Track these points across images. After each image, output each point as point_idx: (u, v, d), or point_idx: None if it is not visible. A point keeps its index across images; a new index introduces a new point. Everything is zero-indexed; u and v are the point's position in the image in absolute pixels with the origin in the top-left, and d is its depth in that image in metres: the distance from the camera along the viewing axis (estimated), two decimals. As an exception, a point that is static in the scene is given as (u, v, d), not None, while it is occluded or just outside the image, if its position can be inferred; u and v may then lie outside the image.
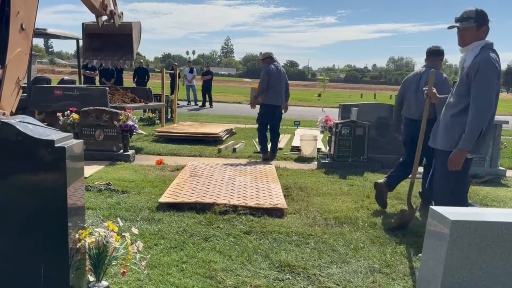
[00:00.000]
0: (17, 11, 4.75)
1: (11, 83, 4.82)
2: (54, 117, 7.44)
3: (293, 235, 3.98)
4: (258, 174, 6.18)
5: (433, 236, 2.14)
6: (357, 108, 7.28)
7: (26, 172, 2.19)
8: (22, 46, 4.84)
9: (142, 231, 3.88)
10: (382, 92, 52.17)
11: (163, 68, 12.49)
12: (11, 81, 4.81)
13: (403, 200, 5.29)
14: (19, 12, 4.72)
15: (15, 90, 4.77)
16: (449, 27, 3.53)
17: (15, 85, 4.77)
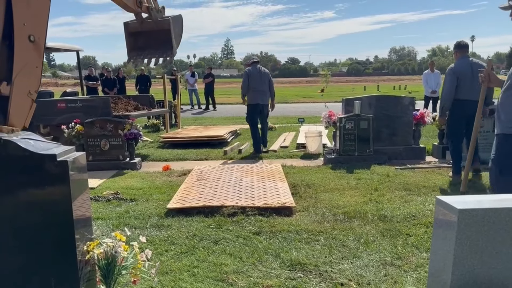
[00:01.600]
0: (22, 23, 4.74)
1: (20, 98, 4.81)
2: (59, 130, 7.49)
3: (303, 233, 3.97)
4: (265, 173, 6.17)
5: (441, 226, 2.12)
6: (360, 101, 7.25)
7: (30, 187, 2.20)
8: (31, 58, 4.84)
9: (152, 238, 3.89)
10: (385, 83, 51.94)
11: (164, 75, 12.53)
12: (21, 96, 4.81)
13: (412, 191, 5.26)
14: (25, 24, 4.71)
15: (26, 105, 4.77)
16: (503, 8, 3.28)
17: (26, 99, 4.77)
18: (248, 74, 8.38)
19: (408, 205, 4.72)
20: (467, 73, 5.60)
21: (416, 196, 5.08)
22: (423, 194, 5.13)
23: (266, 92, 8.41)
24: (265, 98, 8.40)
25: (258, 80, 8.35)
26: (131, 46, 6.97)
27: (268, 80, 8.49)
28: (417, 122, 7.51)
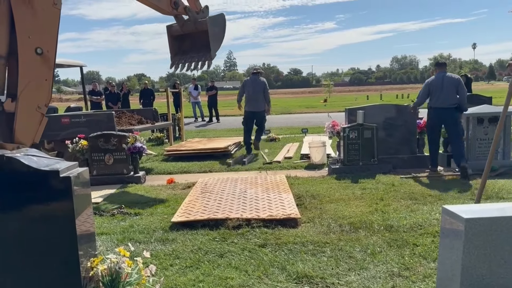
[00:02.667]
0: (27, 36, 4.70)
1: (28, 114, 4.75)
2: (64, 145, 7.51)
3: (309, 245, 3.94)
4: (269, 185, 6.15)
5: (448, 236, 2.10)
6: (363, 111, 7.24)
7: (34, 204, 2.20)
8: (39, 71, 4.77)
9: (157, 252, 3.86)
10: (388, 92, 51.93)
11: (167, 88, 12.58)
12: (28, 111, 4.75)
13: (417, 200, 5.22)
14: (30, 37, 4.67)
15: (35, 120, 4.72)
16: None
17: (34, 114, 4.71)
18: (244, 84, 9.47)
19: (414, 214, 4.68)
20: (438, 85, 6.69)
21: (422, 205, 5.03)
22: (429, 203, 5.09)
23: (259, 100, 9.22)
24: (257, 105, 9.22)
25: (251, 89, 9.19)
26: (174, 50, 6.76)
27: (263, 89, 9.23)
28: (421, 130, 7.48)
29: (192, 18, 6.23)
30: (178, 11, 6.21)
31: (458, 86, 6.62)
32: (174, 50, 6.75)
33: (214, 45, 6.26)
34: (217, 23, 6.39)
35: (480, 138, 6.89)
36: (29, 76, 4.72)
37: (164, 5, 6.02)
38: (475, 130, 6.89)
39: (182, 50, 6.73)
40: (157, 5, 6.00)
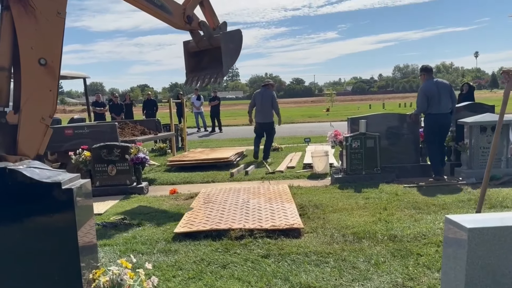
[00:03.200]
0: (29, 47, 4.69)
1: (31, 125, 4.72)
2: (67, 157, 7.53)
3: (312, 255, 3.91)
4: (272, 195, 6.14)
5: (452, 245, 2.08)
6: (366, 120, 7.24)
7: (36, 215, 2.20)
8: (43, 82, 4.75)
9: (159, 263, 3.85)
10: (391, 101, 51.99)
11: (170, 98, 12.63)
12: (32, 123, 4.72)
13: (421, 210, 5.20)
14: (32, 48, 4.66)
15: (39, 131, 4.70)
16: None
17: (38, 126, 4.69)
18: (254, 96, 10.09)
19: (418, 224, 4.65)
20: (434, 92, 6.85)
21: (426, 214, 5.01)
22: (433, 212, 5.06)
23: (266, 112, 9.78)
24: (264, 116, 9.81)
25: (259, 101, 9.76)
26: (190, 67, 6.59)
27: (271, 101, 9.73)
28: (424, 139, 7.46)
29: (207, 34, 6.10)
30: (192, 26, 6.10)
31: (451, 91, 7.05)
32: (189, 67, 6.63)
33: (227, 61, 6.12)
34: (233, 39, 6.26)
35: (483, 147, 6.87)
36: (32, 87, 4.70)
37: (177, 19, 5.94)
38: (478, 138, 6.87)
39: (200, 67, 6.59)
40: (169, 19, 5.91)
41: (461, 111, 7.62)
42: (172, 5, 5.91)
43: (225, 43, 6.06)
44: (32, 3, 4.64)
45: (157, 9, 5.73)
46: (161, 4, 5.76)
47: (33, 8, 4.64)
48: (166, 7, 5.82)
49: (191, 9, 6.10)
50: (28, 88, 4.72)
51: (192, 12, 6.08)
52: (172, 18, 5.92)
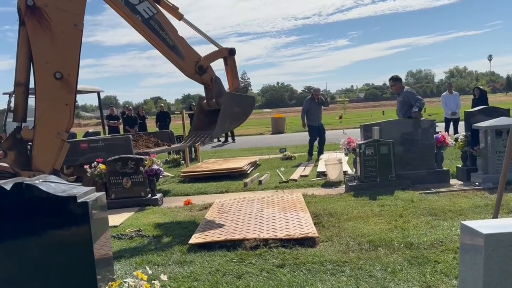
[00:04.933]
0: (45, 61, 4.71)
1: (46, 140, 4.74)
2: (82, 170, 7.62)
3: (328, 264, 3.89)
4: (286, 204, 6.12)
5: (468, 252, 2.05)
6: (379, 126, 7.20)
7: (52, 229, 2.23)
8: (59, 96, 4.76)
9: (175, 274, 3.86)
10: (404, 106, 51.47)
11: (182, 110, 12.73)
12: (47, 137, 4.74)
13: (437, 216, 5.13)
14: (48, 62, 4.69)
15: (54, 146, 4.73)
16: None
17: (53, 140, 4.71)
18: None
19: (434, 230, 4.59)
20: None
21: (442, 221, 4.94)
22: (450, 219, 4.99)
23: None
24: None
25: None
26: (197, 124, 6.32)
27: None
28: (440, 145, 7.39)
29: (217, 92, 5.76)
30: (203, 78, 5.79)
31: None
32: (196, 124, 6.36)
33: (222, 123, 5.66)
34: (241, 102, 5.83)
35: (499, 151, 6.77)
36: (47, 102, 4.73)
37: (187, 66, 5.71)
38: (494, 143, 6.77)
39: (200, 125, 6.25)
40: (179, 63, 5.69)
41: (475, 115, 7.53)
42: (187, 51, 5.70)
43: (229, 104, 5.69)
44: (47, 17, 4.66)
45: (168, 49, 5.57)
46: (173, 45, 5.60)
47: (48, 22, 4.66)
48: (179, 50, 5.63)
49: (207, 61, 5.82)
50: (43, 102, 4.73)
51: (207, 64, 5.79)
52: (182, 63, 5.68)
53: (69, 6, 4.87)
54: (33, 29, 4.67)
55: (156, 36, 5.51)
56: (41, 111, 4.73)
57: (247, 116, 6.08)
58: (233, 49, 5.99)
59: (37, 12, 4.65)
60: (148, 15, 5.47)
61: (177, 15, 5.84)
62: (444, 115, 13.35)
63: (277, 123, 25.64)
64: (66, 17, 4.82)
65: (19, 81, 4.86)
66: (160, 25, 5.54)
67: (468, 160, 7.48)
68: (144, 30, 5.49)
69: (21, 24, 4.79)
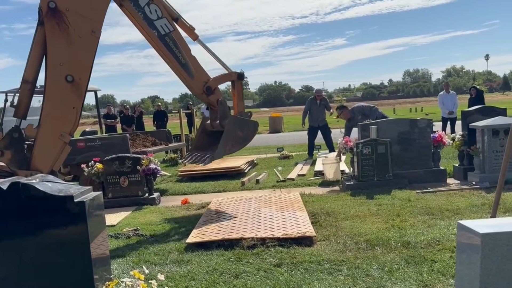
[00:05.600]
0: (58, 63, 4.75)
1: (49, 140, 4.76)
2: (79, 169, 7.60)
3: (325, 263, 3.89)
4: (284, 203, 6.12)
5: (465, 251, 2.06)
6: (376, 126, 7.21)
7: (49, 229, 2.23)
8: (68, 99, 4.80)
9: (172, 274, 3.85)
10: (401, 106, 51.69)
11: (180, 109, 12.72)
12: (49, 138, 4.76)
13: (434, 215, 5.15)
14: (61, 64, 4.72)
15: (55, 147, 4.75)
16: None
17: (55, 141, 4.73)
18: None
19: (431, 230, 4.60)
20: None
21: (439, 220, 4.95)
22: (447, 218, 5.01)
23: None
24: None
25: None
26: (197, 144, 6.47)
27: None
28: (437, 144, 7.40)
29: (221, 114, 5.87)
30: (209, 99, 5.93)
31: None
32: (197, 144, 6.47)
33: (224, 146, 5.73)
34: (244, 126, 5.93)
35: (496, 150, 6.78)
36: (55, 103, 4.74)
37: (196, 85, 5.83)
38: (491, 142, 6.79)
39: (201, 145, 6.37)
40: (188, 81, 5.82)
41: (472, 114, 7.56)
42: (197, 70, 5.83)
43: (233, 127, 5.79)
44: (67, 20, 4.71)
45: (179, 66, 5.71)
46: (184, 63, 5.72)
47: (66, 25, 4.71)
48: (189, 68, 5.75)
49: (216, 83, 5.99)
50: (50, 103, 4.76)
51: (215, 86, 5.94)
52: (191, 81, 5.80)
53: (89, 13, 4.96)
54: (52, 30, 4.73)
55: (169, 52, 5.65)
56: (48, 111, 4.75)
57: (249, 141, 6.23)
58: (242, 74, 6.19)
59: (58, 15, 4.72)
60: (165, 31, 5.62)
61: (193, 36, 5.99)
62: (441, 114, 13.38)
63: (275, 122, 25.66)
64: (85, 23, 4.90)
65: (27, 79, 4.89)
66: (175, 42, 5.69)
67: (465, 159, 7.50)
68: (158, 45, 5.64)
69: (40, 24, 4.85)
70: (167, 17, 5.66)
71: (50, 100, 4.76)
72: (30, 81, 4.91)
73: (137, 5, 5.48)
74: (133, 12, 5.46)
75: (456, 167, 7.63)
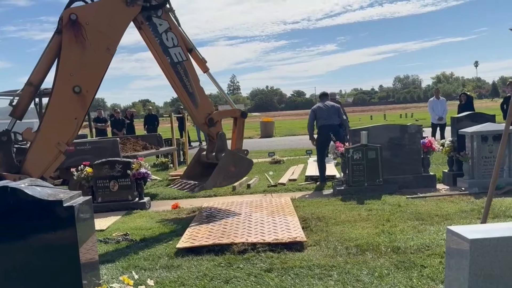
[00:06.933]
0: (69, 73, 4.80)
1: (44, 147, 4.76)
2: (69, 173, 7.53)
3: (315, 268, 3.89)
4: (274, 208, 6.12)
5: (454, 257, 2.07)
6: (367, 131, 7.25)
7: (38, 233, 2.21)
8: (71, 109, 4.83)
9: (162, 279, 3.83)
10: (391, 111, 52.04)
11: (171, 113, 12.69)
12: (46, 144, 4.76)
13: (424, 221, 5.18)
14: (72, 74, 4.77)
15: (50, 155, 4.75)
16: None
17: (51, 149, 4.73)
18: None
19: (421, 235, 4.63)
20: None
21: (429, 225, 4.98)
22: (436, 223, 5.04)
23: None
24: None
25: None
26: (189, 173, 6.55)
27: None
28: (427, 150, 7.46)
29: (218, 147, 5.98)
30: (210, 130, 6.03)
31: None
32: (188, 173, 6.54)
33: (215, 178, 5.84)
34: (239, 163, 6.06)
35: (485, 156, 6.86)
36: (58, 111, 4.78)
37: (199, 115, 5.96)
38: (480, 148, 6.86)
39: (192, 174, 6.44)
40: (192, 110, 5.94)
41: (462, 121, 7.63)
42: (203, 101, 5.97)
43: (227, 161, 5.91)
44: (85, 34, 4.81)
45: (186, 94, 5.84)
46: (192, 92, 5.86)
47: (84, 38, 4.80)
48: (195, 98, 5.88)
49: (218, 116, 6.13)
50: (54, 110, 4.80)
51: (217, 119, 6.06)
52: (195, 111, 5.92)
53: (108, 30, 5.09)
54: (68, 41, 4.82)
55: (179, 80, 5.80)
56: (50, 117, 4.78)
57: (240, 178, 6.51)
58: (245, 113, 6.48)
59: (77, 27, 4.83)
60: (178, 60, 5.79)
61: (204, 68, 6.15)
62: (431, 120, 13.49)
63: (266, 127, 25.65)
64: (102, 39, 5.01)
65: (32, 81, 4.93)
66: (186, 71, 5.85)
67: (454, 165, 7.56)
68: (169, 72, 5.79)
69: (58, 32, 4.92)
70: (182, 46, 5.83)
71: (54, 107, 4.80)
72: (34, 85, 4.95)
73: (156, 31, 5.66)
74: (150, 37, 5.64)
75: (445, 173, 7.70)
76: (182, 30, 5.94)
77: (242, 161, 6.14)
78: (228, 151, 6.06)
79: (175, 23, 5.84)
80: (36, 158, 4.56)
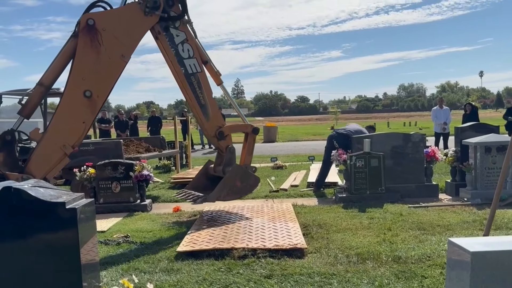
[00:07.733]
0: (81, 77, 4.84)
1: (50, 148, 4.78)
2: (71, 173, 7.55)
3: (315, 276, 3.88)
4: (276, 214, 6.11)
5: (455, 269, 2.07)
6: (370, 139, 7.24)
7: (40, 234, 2.21)
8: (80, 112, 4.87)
9: (161, 283, 3.82)
10: (395, 119, 51.93)
11: (175, 116, 12.71)
12: (52, 145, 4.78)
13: (426, 231, 5.16)
14: (84, 79, 4.82)
15: (54, 156, 4.76)
16: None
17: (56, 151, 4.75)
18: None
19: (422, 245, 4.61)
20: None
21: (430, 235, 4.97)
22: (438, 234, 5.02)
23: None
24: None
25: None
26: (195, 184, 6.53)
27: None
28: (430, 159, 7.44)
29: (226, 161, 6.02)
30: (220, 143, 6.06)
31: None
32: (194, 184, 6.53)
33: (220, 191, 5.86)
34: (245, 178, 6.07)
35: (488, 167, 6.84)
36: (67, 114, 4.81)
37: (210, 128, 5.99)
38: (483, 159, 6.84)
39: (197, 186, 6.44)
40: (203, 122, 5.97)
41: (465, 131, 7.61)
42: (214, 114, 5.99)
43: (234, 176, 5.93)
44: (101, 39, 4.85)
45: (198, 106, 5.87)
46: (204, 104, 5.88)
47: (99, 44, 4.84)
48: (207, 111, 5.90)
49: (229, 130, 6.15)
50: (63, 112, 4.83)
51: (227, 132, 6.09)
52: (206, 123, 5.95)
53: (124, 38, 5.15)
54: (84, 45, 4.87)
55: (192, 91, 5.82)
56: (58, 119, 4.82)
57: (245, 194, 6.39)
58: (257, 129, 6.43)
59: (93, 32, 4.87)
60: (192, 71, 5.80)
61: (218, 81, 6.19)
62: (434, 129, 13.47)
63: (269, 131, 25.66)
64: (118, 46, 5.05)
65: (43, 82, 4.96)
66: (199, 83, 5.86)
67: (457, 175, 7.54)
68: (182, 83, 5.81)
69: (74, 36, 4.96)
70: (198, 58, 5.85)
71: (63, 110, 4.83)
72: (46, 85, 4.98)
73: (172, 42, 5.68)
74: (166, 47, 5.66)
75: (448, 183, 7.67)
76: (199, 42, 5.97)
77: (249, 177, 6.15)
78: (236, 165, 6.07)
79: (192, 35, 5.86)
80: (41, 158, 4.58)
